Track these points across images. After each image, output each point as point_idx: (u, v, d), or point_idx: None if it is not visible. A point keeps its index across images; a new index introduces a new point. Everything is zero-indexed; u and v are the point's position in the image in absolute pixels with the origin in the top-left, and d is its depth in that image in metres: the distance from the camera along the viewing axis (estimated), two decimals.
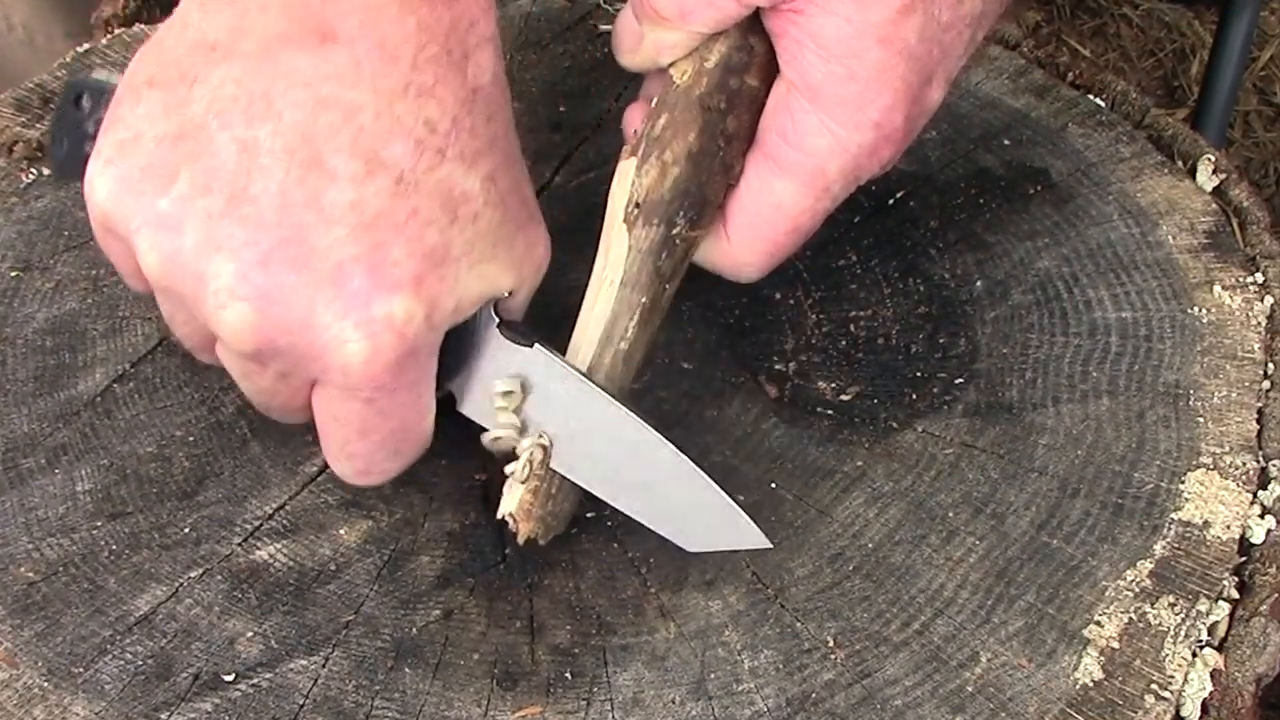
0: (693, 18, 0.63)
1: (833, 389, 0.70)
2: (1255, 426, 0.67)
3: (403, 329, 0.56)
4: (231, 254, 0.55)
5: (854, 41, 0.61)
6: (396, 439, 0.60)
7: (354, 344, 0.55)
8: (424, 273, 0.56)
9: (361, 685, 0.58)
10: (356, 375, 0.56)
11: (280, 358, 0.58)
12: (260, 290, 0.55)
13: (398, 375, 0.57)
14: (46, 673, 0.58)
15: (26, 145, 0.80)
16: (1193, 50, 1.93)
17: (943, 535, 0.63)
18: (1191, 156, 0.81)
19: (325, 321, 0.55)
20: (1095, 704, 0.57)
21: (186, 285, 0.56)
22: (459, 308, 0.58)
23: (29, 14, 1.18)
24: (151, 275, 0.57)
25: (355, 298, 0.55)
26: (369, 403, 0.58)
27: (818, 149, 0.63)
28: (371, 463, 0.61)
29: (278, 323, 0.56)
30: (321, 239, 0.55)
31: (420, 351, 0.58)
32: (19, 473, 0.66)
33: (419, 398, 0.60)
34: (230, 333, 0.56)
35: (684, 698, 0.58)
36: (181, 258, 0.56)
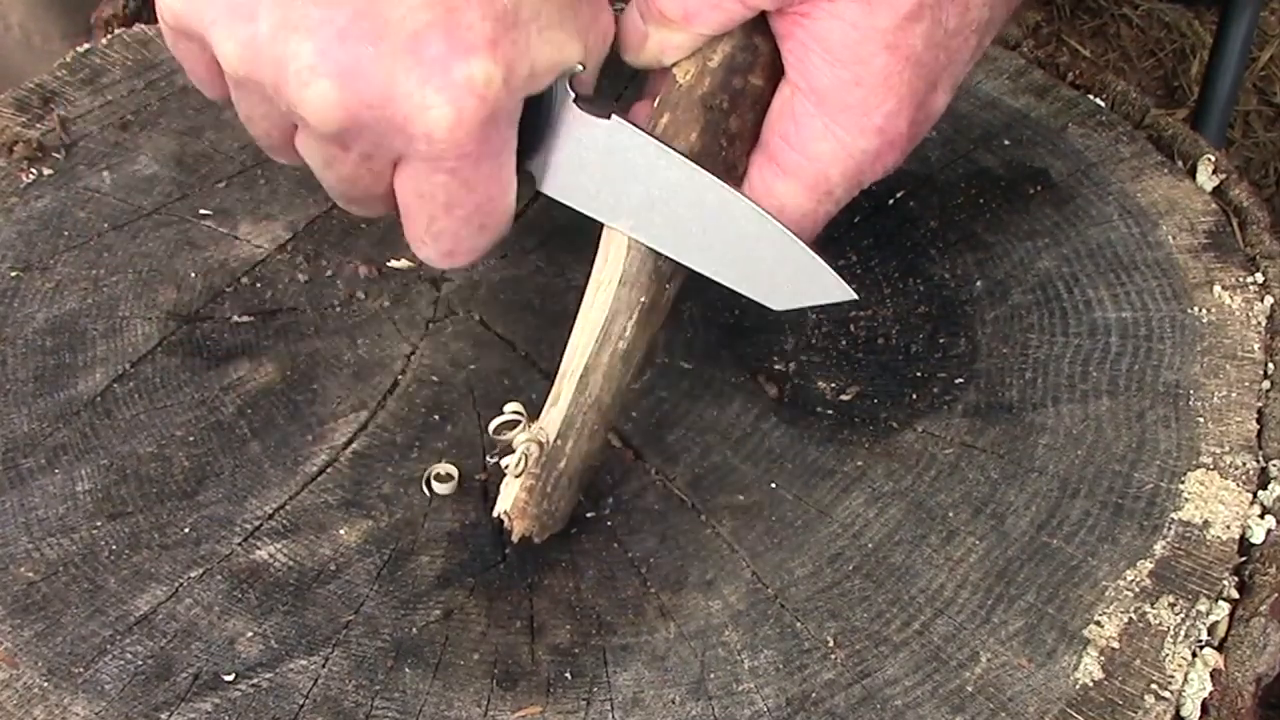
0: (698, 19, 0.63)
1: (833, 389, 0.70)
2: (1255, 426, 0.67)
3: (483, 91, 0.56)
4: (308, 32, 0.55)
5: (860, 47, 0.61)
6: (482, 213, 0.61)
7: (437, 109, 0.56)
8: (498, 35, 0.57)
9: (361, 685, 0.58)
10: (441, 142, 0.57)
11: (364, 135, 0.58)
12: (341, 65, 0.56)
13: (481, 142, 0.58)
14: (46, 673, 0.58)
15: (26, 145, 0.80)
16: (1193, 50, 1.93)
17: (943, 535, 0.63)
18: (1191, 156, 0.81)
19: (407, 90, 0.56)
20: (1095, 704, 0.57)
21: (266, 71, 0.57)
22: (534, 72, 0.59)
23: (26, 14, 1.18)
24: (230, 67, 0.58)
25: (434, 63, 0.56)
26: (454, 173, 0.59)
27: (821, 153, 0.63)
28: (458, 240, 0.62)
29: (360, 96, 0.56)
30: (395, 9, 0.55)
31: (500, 117, 0.58)
32: (19, 473, 0.66)
33: (501, 168, 0.60)
34: (313, 111, 0.57)
35: (684, 698, 0.58)
36: (259, 43, 0.56)
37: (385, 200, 0.62)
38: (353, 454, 0.67)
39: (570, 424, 0.61)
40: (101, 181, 0.79)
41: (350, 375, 0.70)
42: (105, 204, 0.78)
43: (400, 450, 0.67)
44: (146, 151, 0.81)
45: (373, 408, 0.69)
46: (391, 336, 0.72)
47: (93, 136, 0.82)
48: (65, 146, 0.81)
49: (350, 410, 0.68)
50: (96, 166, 0.80)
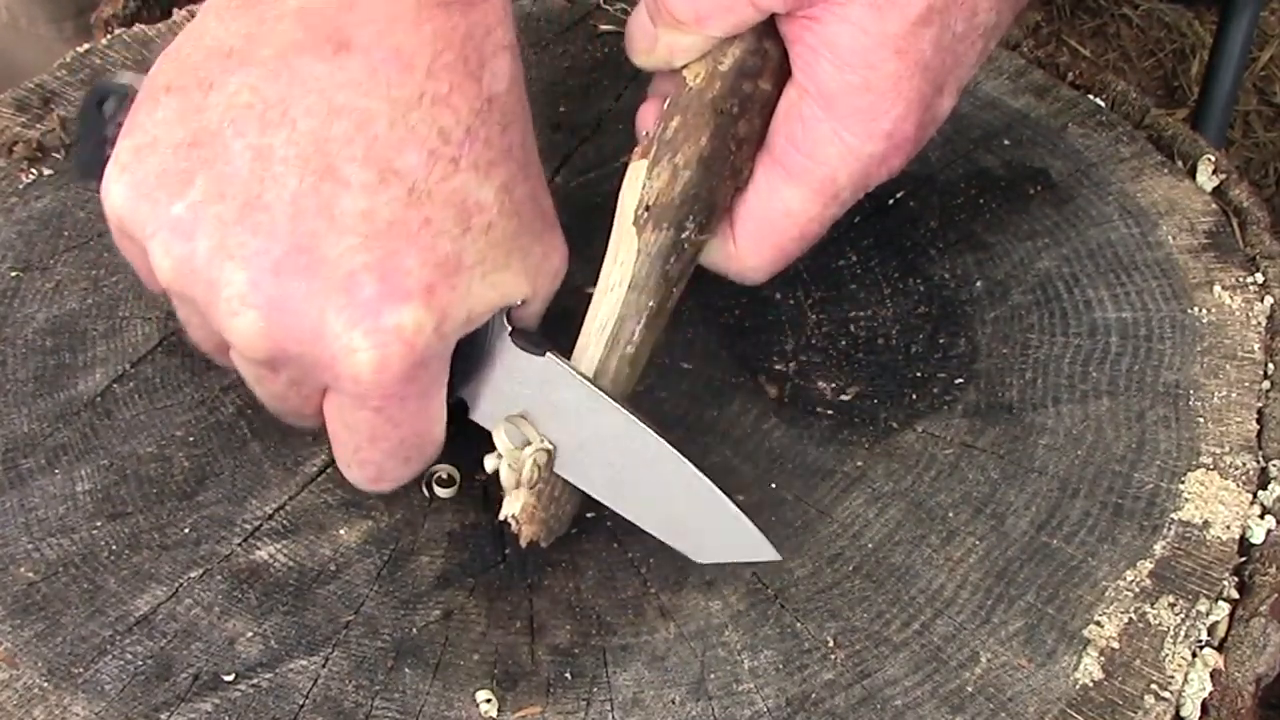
0: (709, 23, 0.63)
1: (833, 389, 0.70)
2: (1255, 426, 0.67)
3: (413, 339, 0.56)
4: (244, 261, 0.55)
5: (870, 52, 0.61)
6: (407, 447, 0.61)
7: (363, 353, 0.55)
8: (436, 282, 0.56)
9: (361, 685, 0.58)
10: (366, 384, 0.56)
11: (291, 365, 0.58)
12: (271, 298, 0.55)
13: (407, 384, 0.57)
14: (46, 673, 0.58)
15: (26, 145, 0.80)
16: (1193, 50, 1.93)
17: (943, 535, 0.63)
18: (1191, 156, 0.81)
19: (335, 330, 0.55)
20: (1095, 704, 0.57)
21: (199, 291, 0.57)
22: (471, 317, 0.58)
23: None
24: (165, 280, 0.57)
25: (365, 307, 0.55)
26: (379, 411, 0.58)
27: (829, 157, 0.63)
28: (383, 470, 0.62)
29: (288, 331, 0.56)
30: (333, 248, 0.55)
31: (431, 361, 0.58)
32: (19, 473, 0.66)
33: (429, 406, 0.60)
34: (241, 340, 0.56)
35: (684, 698, 0.58)
36: (194, 264, 0.56)
37: (316, 417, 0.61)
38: None
39: None
40: None
41: None
42: None
43: None
44: None
45: None
46: None
47: None
48: (65, 146, 0.81)
49: None
50: None
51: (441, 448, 0.63)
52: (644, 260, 0.62)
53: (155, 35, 0.87)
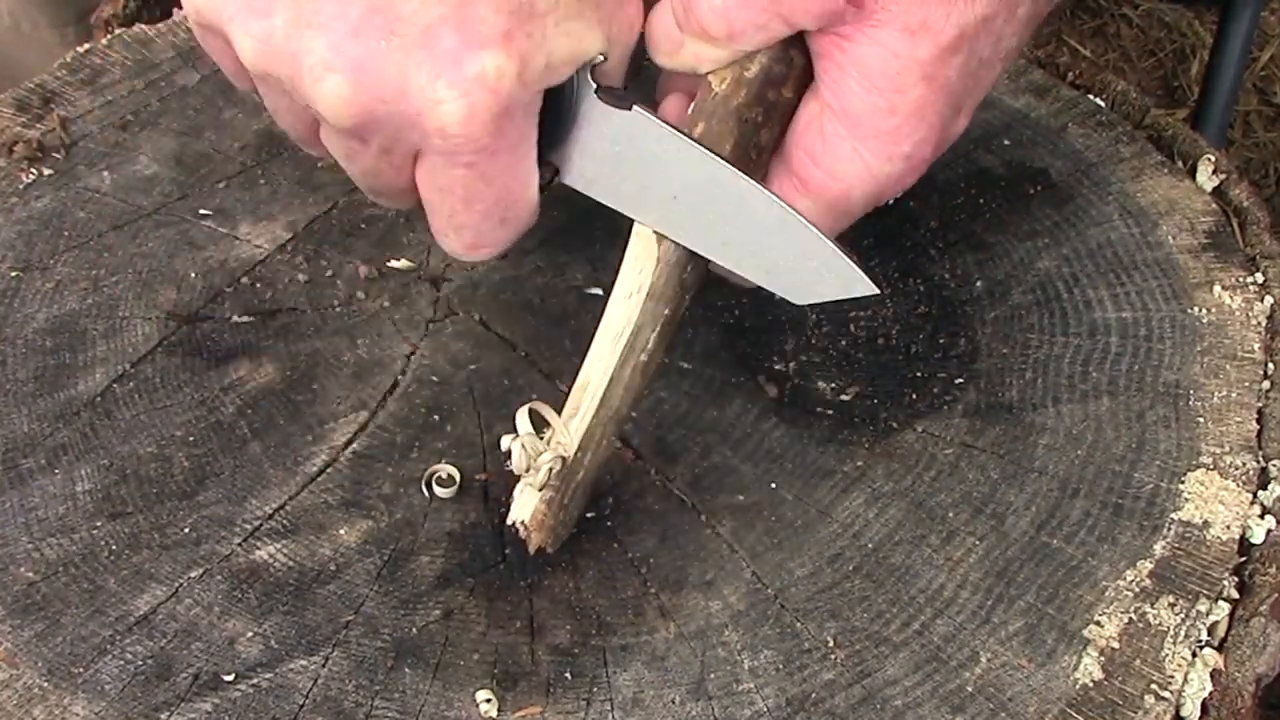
0: (741, 39, 0.63)
1: (833, 389, 0.70)
2: (1255, 426, 0.67)
3: (496, 85, 0.56)
4: (321, 28, 0.56)
5: (900, 77, 0.61)
6: (502, 206, 0.61)
7: (449, 104, 0.56)
8: (512, 28, 0.56)
9: (361, 685, 0.58)
10: (455, 136, 0.57)
11: (380, 129, 0.58)
12: (353, 60, 0.56)
13: (497, 136, 0.58)
14: (46, 673, 0.58)
15: (26, 145, 0.80)
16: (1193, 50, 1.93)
17: (943, 535, 0.63)
18: (1191, 156, 0.81)
19: (419, 84, 0.56)
20: (1095, 704, 0.57)
21: (282, 67, 0.57)
22: (550, 65, 0.58)
23: (15, 1, 1.18)
24: (249, 63, 0.58)
25: (446, 57, 0.56)
26: (470, 167, 0.59)
27: (846, 175, 0.63)
28: (480, 234, 0.62)
29: (373, 91, 0.56)
30: (408, 4, 0.56)
31: (516, 110, 0.58)
32: (19, 473, 0.66)
33: (520, 161, 0.60)
34: (328, 107, 0.57)
35: (684, 698, 0.58)
36: (274, 39, 0.57)
37: (409, 193, 0.62)
38: (353, 454, 0.67)
39: (590, 437, 0.61)
40: (101, 181, 0.79)
41: (350, 375, 0.70)
42: (105, 204, 0.78)
43: (400, 450, 0.67)
44: (146, 151, 0.81)
45: (373, 408, 0.69)
46: (391, 336, 0.72)
47: (93, 136, 0.82)
48: (65, 146, 0.81)
49: (350, 410, 0.68)
50: (96, 166, 0.80)
51: (536, 212, 0.63)
52: (663, 269, 0.62)
53: (155, 35, 0.88)
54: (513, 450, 0.60)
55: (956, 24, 0.61)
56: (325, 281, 0.74)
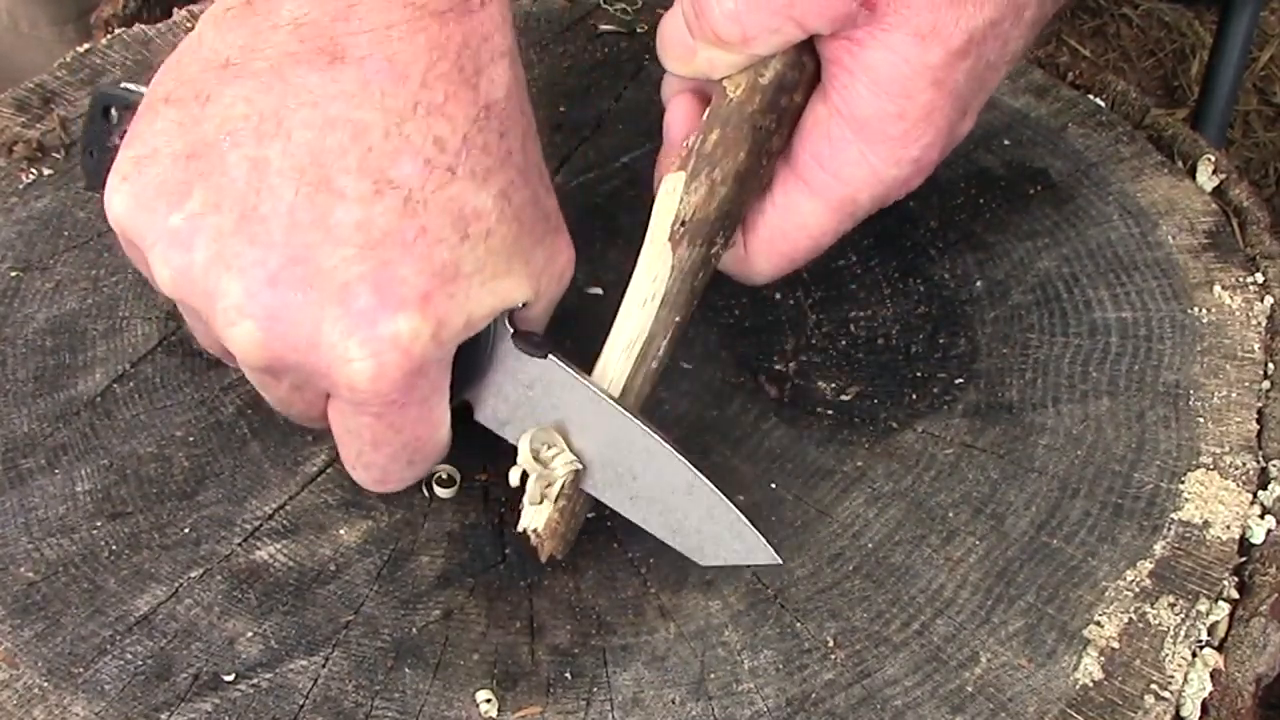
0: (754, 43, 0.62)
1: (833, 389, 0.70)
2: (1255, 426, 0.67)
3: (409, 347, 0.56)
4: (240, 272, 0.55)
5: (909, 82, 0.61)
6: (410, 450, 0.61)
7: (359, 362, 0.56)
8: (432, 290, 0.56)
9: (361, 685, 0.58)
10: (363, 393, 0.57)
11: (291, 373, 0.58)
12: (267, 309, 0.55)
13: (406, 391, 0.57)
14: (46, 673, 0.58)
15: (26, 145, 0.80)
16: (1193, 50, 1.93)
17: (943, 535, 0.63)
18: (1191, 156, 0.81)
19: (331, 340, 0.55)
20: (1095, 704, 0.57)
21: (198, 301, 0.57)
22: (470, 323, 0.58)
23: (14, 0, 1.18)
24: (165, 290, 0.58)
25: (361, 316, 0.55)
26: (379, 417, 0.58)
27: (853, 178, 0.63)
28: (387, 472, 0.62)
29: (284, 341, 0.56)
30: (328, 258, 0.55)
31: (429, 367, 0.58)
32: (19, 473, 0.66)
33: (431, 411, 0.60)
34: (239, 349, 0.57)
35: (684, 698, 0.58)
36: (192, 274, 0.56)
37: (322, 421, 0.62)
38: None
39: None
40: None
41: None
42: None
43: None
44: None
45: None
46: None
47: None
48: (65, 146, 0.81)
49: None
50: None
51: (446, 450, 0.63)
52: (677, 276, 0.62)
53: (155, 35, 0.88)
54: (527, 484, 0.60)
55: (966, 28, 0.61)
56: None
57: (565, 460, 0.60)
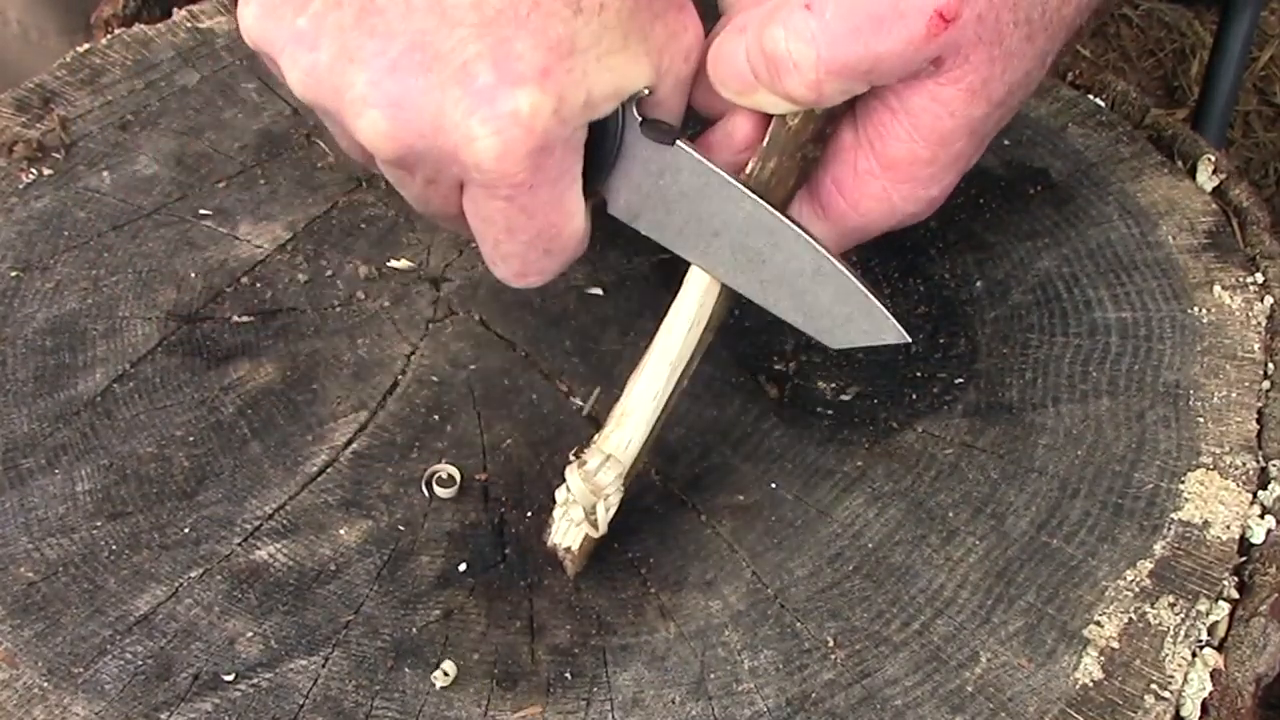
0: (825, 101, 0.61)
1: (833, 389, 0.70)
2: (1255, 426, 0.67)
3: (530, 122, 0.56)
4: (363, 64, 0.56)
5: (950, 134, 0.61)
6: (545, 238, 0.61)
7: (483, 140, 0.56)
8: (550, 65, 0.56)
9: (361, 685, 0.58)
10: (490, 172, 0.57)
11: (422, 162, 0.59)
12: (390, 96, 0.56)
13: (534, 171, 0.58)
14: (46, 673, 0.58)
15: (26, 145, 0.80)
16: (1193, 50, 1.93)
17: (943, 535, 0.63)
18: (1191, 156, 0.81)
19: (454, 120, 0.56)
20: (1095, 704, 0.57)
21: (327, 98, 0.58)
22: (590, 101, 0.58)
23: (24, 9, 1.18)
24: (297, 92, 0.59)
25: (481, 94, 0.56)
26: (510, 200, 0.59)
27: (870, 211, 0.64)
28: (526, 262, 0.62)
29: (409, 126, 0.57)
30: (446, 41, 0.56)
31: (554, 145, 0.58)
32: (19, 473, 0.66)
33: (562, 194, 0.60)
34: (369, 140, 0.57)
35: (684, 698, 0.58)
36: (319, 71, 0.57)
37: (461, 219, 0.62)
38: (353, 454, 0.67)
39: (635, 465, 0.62)
40: (101, 181, 0.79)
41: (350, 375, 0.70)
42: (105, 204, 0.78)
43: (400, 450, 0.67)
44: (146, 151, 0.81)
45: (373, 408, 0.69)
46: (391, 336, 0.72)
47: (93, 136, 0.82)
48: (65, 146, 0.81)
49: (350, 410, 0.68)
50: (96, 166, 0.80)
51: (585, 242, 0.63)
52: (722, 300, 0.63)
53: (155, 35, 0.88)
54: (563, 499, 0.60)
55: (1008, 82, 0.61)
56: (325, 281, 0.74)
57: (618, 480, 0.60)
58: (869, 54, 0.58)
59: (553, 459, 0.66)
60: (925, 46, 0.58)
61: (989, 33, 0.59)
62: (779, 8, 0.60)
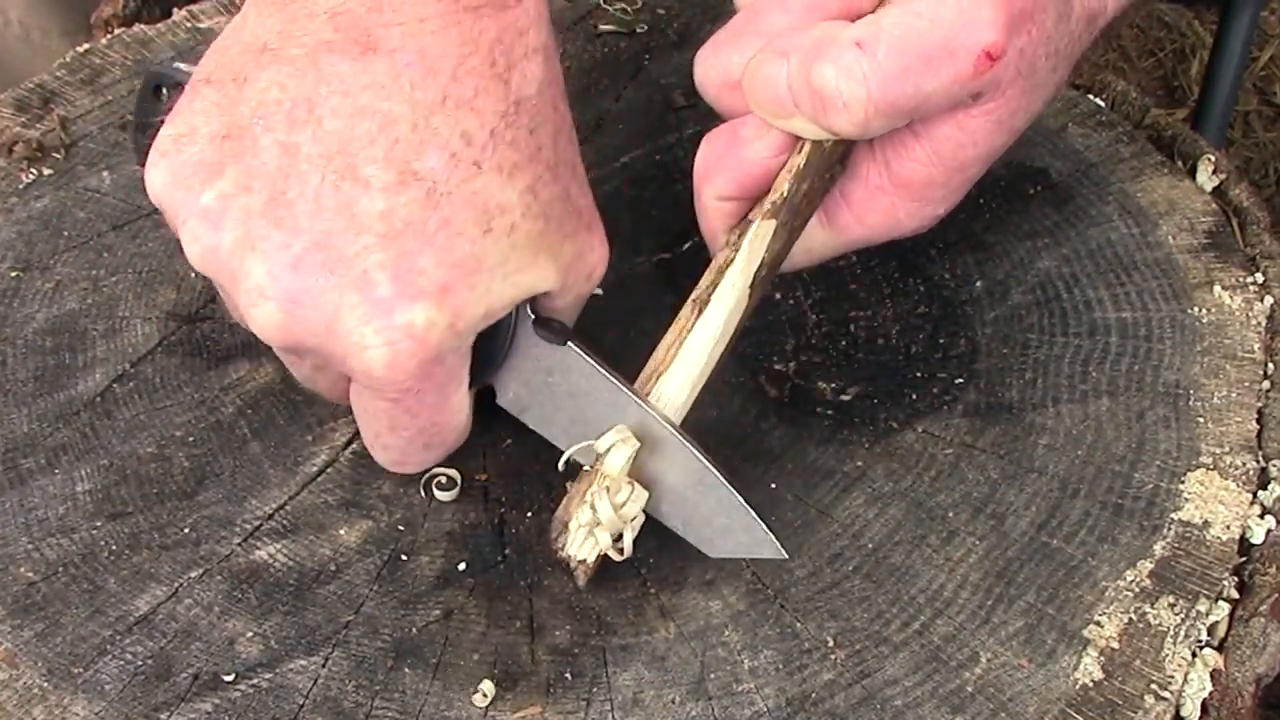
0: (871, 135, 0.61)
1: (833, 389, 0.70)
2: (1255, 426, 0.67)
3: (424, 336, 0.56)
4: (264, 255, 0.56)
5: (971, 163, 0.62)
6: (427, 435, 0.62)
7: (374, 350, 0.56)
8: (452, 282, 0.56)
9: (361, 685, 0.58)
10: (378, 379, 0.57)
11: (311, 355, 0.59)
12: (288, 292, 0.56)
13: (422, 379, 0.58)
14: (46, 673, 0.58)
15: (26, 145, 0.80)
16: (1193, 50, 1.93)
17: (943, 535, 0.63)
18: (1191, 156, 0.81)
19: (348, 326, 0.56)
20: (1095, 704, 0.57)
21: (224, 279, 0.58)
22: (489, 313, 0.59)
23: (25, 10, 1.18)
24: (194, 265, 0.59)
25: (378, 305, 0.56)
26: (395, 403, 0.59)
27: (876, 224, 0.64)
28: (406, 454, 0.63)
29: (304, 325, 0.56)
30: (350, 245, 0.56)
31: (445, 356, 0.58)
32: (19, 473, 0.66)
33: (448, 398, 0.61)
34: (260, 330, 0.57)
35: (684, 698, 0.58)
36: (220, 253, 0.57)
37: (346, 398, 0.63)
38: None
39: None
40: (101, 181, 0.79)
41: None
42: (105, 204, 0.78)
43: None
44: None
45: None
46: None
47: (93, 136, 0.82)
48: (65, 146, 0.81)
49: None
50: (96, 166, 0.80)
51: (465, 434, 0.64)
52: (747, 317, 0.63)
53: (155, 35, 0.88)
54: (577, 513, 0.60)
55: (1031, 113, 0.62)
56: None
57: (638, 505, 0.60)
58: (918, 94, 0.58)
59: (553, 459, 0.66)
60: (971, 84, 0.59)
61: (1026, 67, 0.60)
62: (829, 43, 0.59)
